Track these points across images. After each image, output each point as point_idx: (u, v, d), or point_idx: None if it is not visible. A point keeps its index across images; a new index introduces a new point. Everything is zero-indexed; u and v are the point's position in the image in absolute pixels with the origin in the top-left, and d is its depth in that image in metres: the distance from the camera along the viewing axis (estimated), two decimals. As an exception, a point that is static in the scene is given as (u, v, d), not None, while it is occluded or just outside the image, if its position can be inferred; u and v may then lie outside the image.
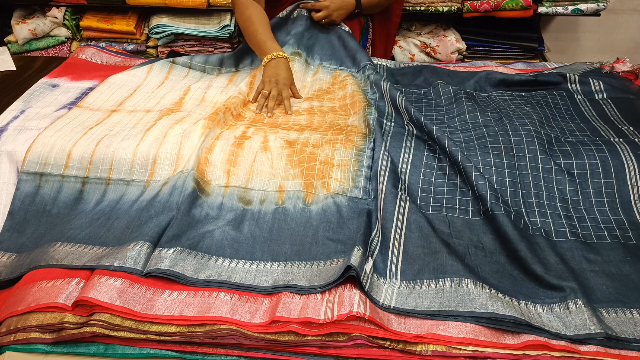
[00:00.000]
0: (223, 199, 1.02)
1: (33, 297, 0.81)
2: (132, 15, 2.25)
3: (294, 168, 1.07)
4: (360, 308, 0.77)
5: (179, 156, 1.07)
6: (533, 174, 1.05)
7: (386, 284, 0.85)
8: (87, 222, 0.97)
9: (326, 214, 0.99)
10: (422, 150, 1.13)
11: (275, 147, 1.10)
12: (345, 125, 1.20)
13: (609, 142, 1.11)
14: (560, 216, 0.99)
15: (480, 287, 0.81)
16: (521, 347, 0.76)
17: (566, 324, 0.78)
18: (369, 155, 1.10)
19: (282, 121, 1.23)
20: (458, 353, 0.77)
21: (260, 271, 0.88)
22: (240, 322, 0.79)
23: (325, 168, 1.06)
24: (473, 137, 1.16)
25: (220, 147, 1.09)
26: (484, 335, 0.77)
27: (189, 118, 1.19)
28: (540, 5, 2.23)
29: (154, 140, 1.09)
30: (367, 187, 1.04)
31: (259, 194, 1.04)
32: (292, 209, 1.01)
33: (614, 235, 0.95)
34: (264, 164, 1.07)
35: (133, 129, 1.14)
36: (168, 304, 0.81)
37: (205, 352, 0.79)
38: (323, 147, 1.10)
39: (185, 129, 1.12)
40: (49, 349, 0.79)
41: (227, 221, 0.98)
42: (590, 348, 0.76)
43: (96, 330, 0.78)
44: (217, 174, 1.06)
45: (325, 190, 1.03)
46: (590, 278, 0.87)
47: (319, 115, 1.25)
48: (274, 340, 0.78)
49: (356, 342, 0.77)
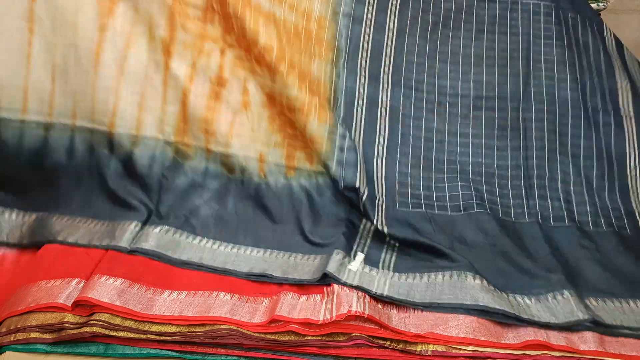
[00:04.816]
0: (207, 163, 1.00)
1: (33, 297, 0.81)
2: None
3: (275, 134, 1.02)
4: (358, 307, 0.77)
5: (142, 106, 0.96)
6: (538, 155, 1.03)
7: (379, 274, 0.86)
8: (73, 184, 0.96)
9: (309, 197, 0.99)
10: (397, 133, 1.05)
11: (255, 104, 1.02)
12: (312, 76, 1.04)
13: (619, 123, 1.06)
14: (560, 200, 0.98)
15: (472, 278, 0.82)
16: (521, 347, 0.76)
17: (555, 314, 0.79)
18: (342, 134, 1.02)
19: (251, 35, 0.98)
20: (458, 353, 0.77)
21: (240, 256, 0.91)
22: (240, 322, 0.79)
23: (304, 138, 1.02)
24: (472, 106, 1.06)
25: (195, 98, 0.98)
26: (484, 335, 0.77)
27: (139, 24, 0.96)
28: (540, 5, 2.22)
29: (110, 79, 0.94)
30: (342, 174, 0.99)
31: (239, 160, 1.00)
32: (274, 185, 0.99)
33: (610, 224, 0.96)
34: (244, 125, 1.01)
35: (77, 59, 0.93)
36: (168, 304, 0.81)
37: (205, 352, 0.79)
38: (299, 114, 1.00)
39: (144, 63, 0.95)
40: (49, 349, 0.79)
41: (212, 192, 0.98)
42: (590, 347, 0.76)
43: (96, 330, 0.78)
44: (196, 133, 1.00)
45: (308, 163, 1.01)
46: (583, 267, 0.88)
47: (284, 35, 1.03)
48: (274, 340, 0.78)
49: (356, 342, 0.77)
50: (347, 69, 1.07)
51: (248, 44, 1.00)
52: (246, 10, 1.00)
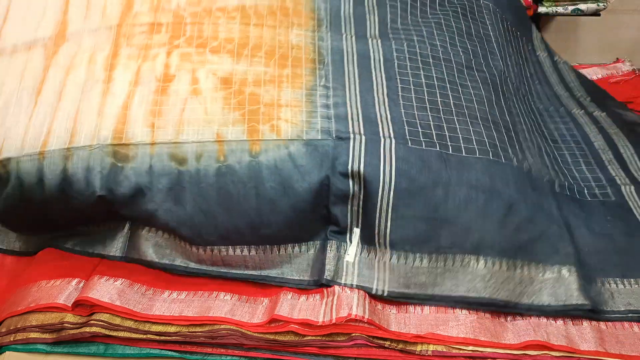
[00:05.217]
0: (151, 160, 0.83)
1: (33, 297, 0.81)
2: None
3: (233, 111, 0.88)
4: (359, 311, 0.77)
5: (77, 119, 0.87)
6: (524, 123, 1.03)
7: (377, 257, 0.82)
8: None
9: (280, 172, 0.82)
10: (395, 81, 0.97)
11: (207, 90, 0.90)
12: (289, 46, 0.98)
13: (572, 115, 1.14)
14: (548, 168, 0.97)
15: (475, 262, 0.80)
16: (521, 347, 0.76)
17: (556, 293, 0.80)
18: (323, 93, 0.92)
19: (209, 33, 0.97)
20: (458, 353, 0.77)
21: (225, 260, 0.85)
22: (240, 322, 0.79)
23: (271, 110, 0.88)
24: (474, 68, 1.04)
25: (140, 97, 0.88)
26: (484, 335, 0.77)
27: (82, 54, 0.95)
28: (540, 5, 2.22)
29: (48, 106, 0.88)
30: (330, 127, 0.87)
31: (193, 147, 0.84)
32: (238, 166, 0.83)
33: (593, 194, 0.95)
34: (196, 110, 0.88)
35: (22, 90, 0.91)
36: (168, 304, 0.81)
37: (205, 352, 0.79)
38: (266, 86, 0.91)
39: (82, 81, 0.91)
40: (49, 349, 0.79)
41: (163, 193, 0.82)
42: (590, 347, 0.76)
43: (96, 330, 0.78)
44: (139, 130, 0.85)
45: (276, 134, 0.85)
46: (576, 239, 0.86)
47: (256, 22, 1.00)
48: (274, 340, 0.78)
49: (356, 342, 0.77)
50: (331, 32, 1.02)
51: (202, 43, 0.97)
52: (204, 19, 0.99)
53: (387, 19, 1.08)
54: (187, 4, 1.02)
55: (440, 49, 1.04)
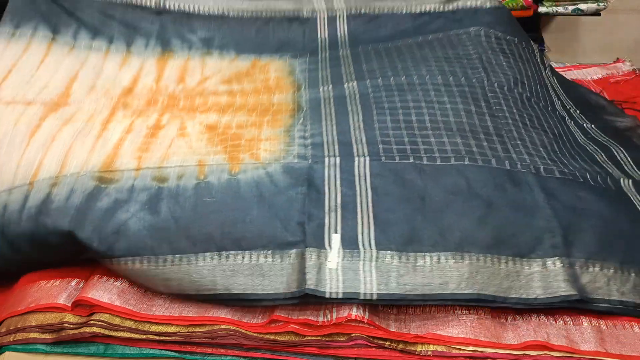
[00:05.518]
0: (134, 181, 0.87)
1: (32, 298, 0.81)
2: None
3: (216, 146, 0.94)
4: (359, 311, 0.77)
5: (68, 154, 0.91)
6: (513, 122, 1.03)
7: (363, 261, 0.79)
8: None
9: (258, 187, 0.86)
10: (370, 108, 1.03)
11: (194, 133, 0.98)
12: (271, 105, 1.08)
13: (564, 121, 1.15)
14: (546, 159, 0.97)
15: (460, 259, 0.79)
16: (521, 348, 0.76)
17: (544, 286, 0.79)
18: (300, 129, 0.99)
19: (200, 102, 1.08)
20: (458, 353, 0.77)
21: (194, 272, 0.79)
22: (240, 322, 0.79)
23: (252, 143, 0.95)
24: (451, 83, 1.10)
25: (130, 140, 0.95)
26: (484, 335, 0.77)
27: (81, 114, 1.03)
28: (540, 5, 2.22)
29: (40, 145, 0.93)
30: (306, 153, 0.92)
31: (176, 170, 0.89)
32: (217, 182, 0.86)
33: (595, 179, 0.94)
34: (181, 146, 0.94)
35: (15, 132, 0.96)
36: (168, 304, 0.81)
37: (205, 352, 0.79)
38: (248, 128, 0.99)
39: (78, 129, 0.97)
40: (48, 349, 0.79)
41: (140, 204, 0.83)
42: (591, 348, 0.76)
43: (96, 331, 0.78)
44: (127, 160, 0.91)
45: (255, 159, 0.91)
46: (580, 220, 0.85)
47: (241, 96, 1.11)
48: (274, 340, 0.78)
49: (356, 342, 0.77)
50: (309, 89, 1.12)
51: (193, 109, 1.07)
52: (196, 97, 1.10)
53: (363, 67, 1.16)
54: (182, 89, 1.14)
55: (415, 77, 1.11)
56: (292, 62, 1.25)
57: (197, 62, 1.24)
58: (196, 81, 1.17)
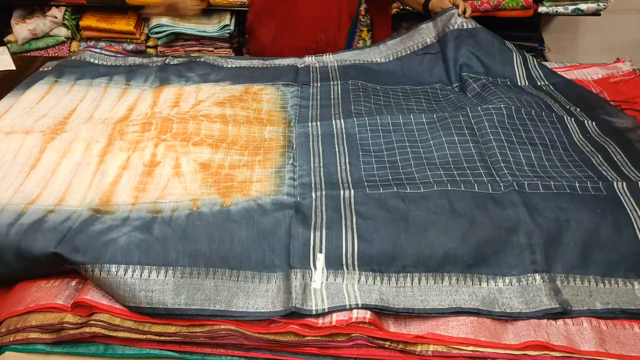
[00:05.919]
0: (130, 213, 0.91)
1: (32, 298, 0.81)
2: (131, 15, 2.25)
3: (210, 187, 0.98)
4: (359, 313, 0.77)
5: (67, 191, 0.96)
6: (498, 144, 1.06)
7: (345, 281, 0.82)
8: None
9: (248, 212, 0.91)
10: (357, 150, 1.08)
11: (188, 173, 1.01)
12: (262, 140, 1.13)
13: (561, 119, 1.16)
14: (531, 176, 0.98)
15: (440, 280, 0.83)
16: (521, 348, 0.76)
17: (526, 301, 0.81)
18: (290, 170, 1.03)
19: (192, 130, 1.12)
20: (458, 353, 0.77)
21: (180, 285, 0.80)
22: (240, 322, 0.79)
23: (243, 185, 0.99)
24: (435, 119, 1.16)
25: (128, 177, 1.00)
26: (484, 335, 0.77)
27: (78, 143, 1.08)
28: (540, 5, 2.22)
29: (40, 179, 0.98)
30: (294, 192, 0.97)
31: (170, 204, 0.93)
32: (209, 211, 0.91)
33: (585, 187, 0.95)
34: (176, 187, 0.98)
35: (14, 164, 1.01)
36: (168, 304, 0.81)
37: (205, 352, 0.79)
38: (240, 169, 1.03)
39: (77, 162, 1.03)
40: (48, 349, 0.79)
41: (133, 227, 0.87)
42: (591, 348, 0.76)
43: (96, 331, 0.78)
44: (124, 198, 0.95)
45: (246, 196, 0.95)
46: (562, 233, 0.87)
47: (233, 125, 1.16)
48: (274, 340, 0.78)
49: (356, 342, 0.77)
50: (299, 124, 1.18)
51: (186, 137, 1.10)
52: (189, 121, 1.14)
53: (351, 106, 1.22)
54: (176, 113, 1.19)
55: (400, 118, 1.17)
56: (285, 90, 1.31)
57: (192, 88, 1.31)
58: (190, 105, 1.23)
